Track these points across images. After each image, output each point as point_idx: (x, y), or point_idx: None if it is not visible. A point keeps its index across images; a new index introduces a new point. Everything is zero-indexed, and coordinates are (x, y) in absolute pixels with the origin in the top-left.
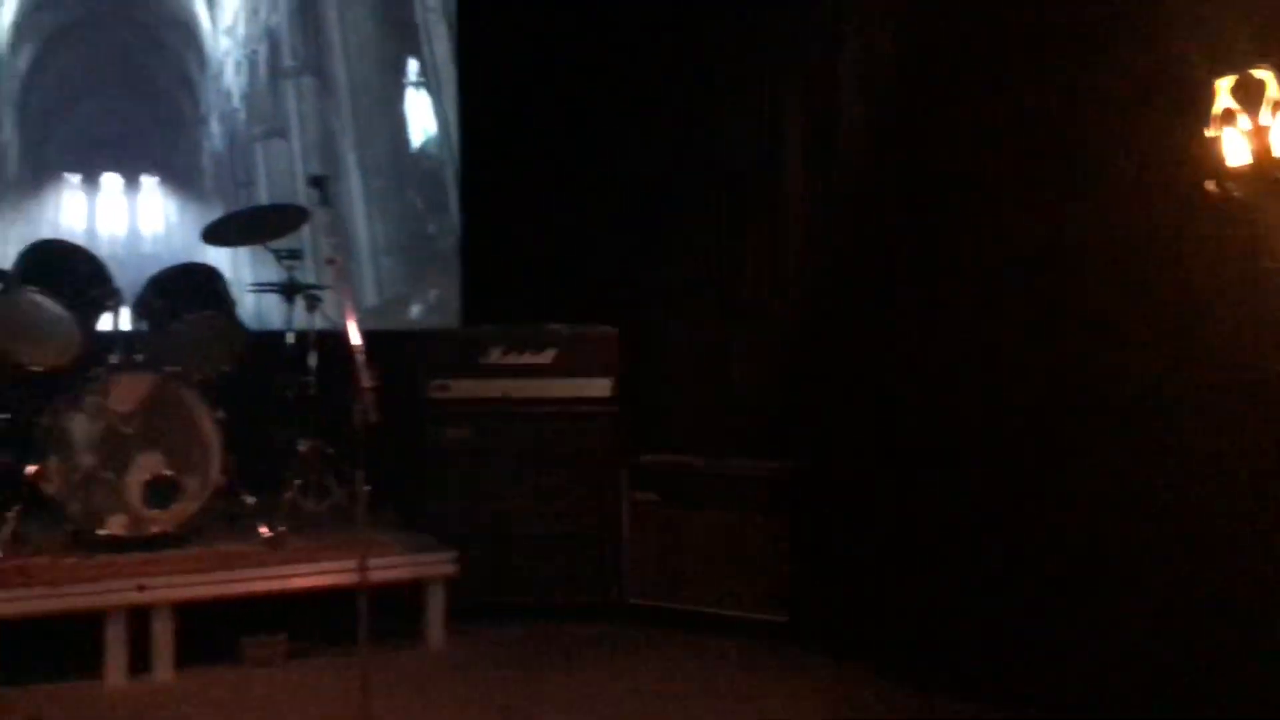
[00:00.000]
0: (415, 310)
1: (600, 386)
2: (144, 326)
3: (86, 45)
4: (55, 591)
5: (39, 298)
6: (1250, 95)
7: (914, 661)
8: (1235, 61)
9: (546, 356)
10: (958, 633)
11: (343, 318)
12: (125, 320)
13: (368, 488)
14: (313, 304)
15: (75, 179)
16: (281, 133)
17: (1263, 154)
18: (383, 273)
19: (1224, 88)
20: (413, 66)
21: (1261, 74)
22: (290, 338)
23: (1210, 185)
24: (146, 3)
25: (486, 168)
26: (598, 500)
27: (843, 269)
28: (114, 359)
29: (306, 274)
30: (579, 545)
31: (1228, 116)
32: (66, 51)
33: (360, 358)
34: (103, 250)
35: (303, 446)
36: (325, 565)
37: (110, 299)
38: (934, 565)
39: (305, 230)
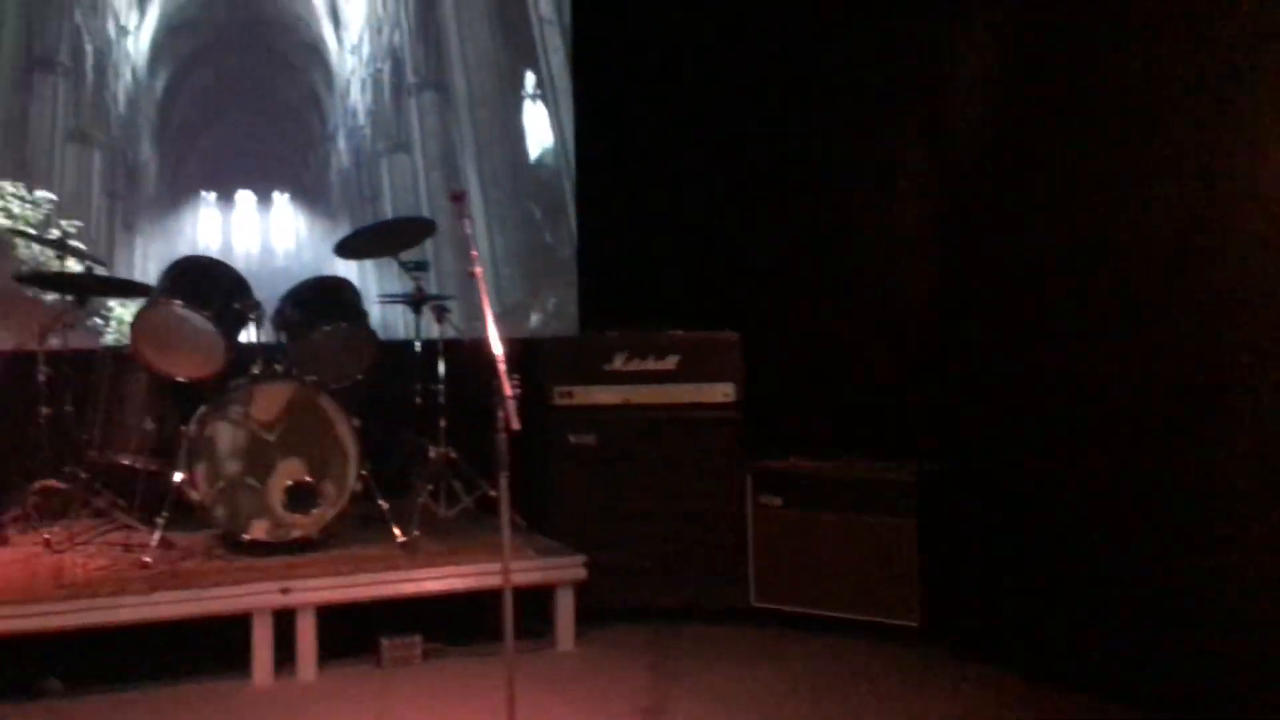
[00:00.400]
0: (534, 318)
1: (723, 391)
2: (282, 338)
3: (220, 67)
4: (205, 594)
5: (186, 311)
6: None
7: (1052, 664)
8: None
9: (670, 362)
10: (1096, 635)
11: (483, 327)
12: (264, 332)
13: (494, 493)
14: (441, 314)
15: (211, 196)
16: (405, 147)
17: None
18: (502, 282)
19: None
20: (529, 79)
21: None
22: (418, 347)
23: None
24: (276, 25)
25: (602, 176)
26: (722, 505)
27: (972, 268)
28: (255, 369)
29: (430, 285)
30: (704, 549)
31: None
32: (201, 74)
33: (502, 366)
34: (238, 264)
35: (432, 453)
36: (459, 569)
37: (252, 312)
38: (1072, 566)
39: (429, 242)
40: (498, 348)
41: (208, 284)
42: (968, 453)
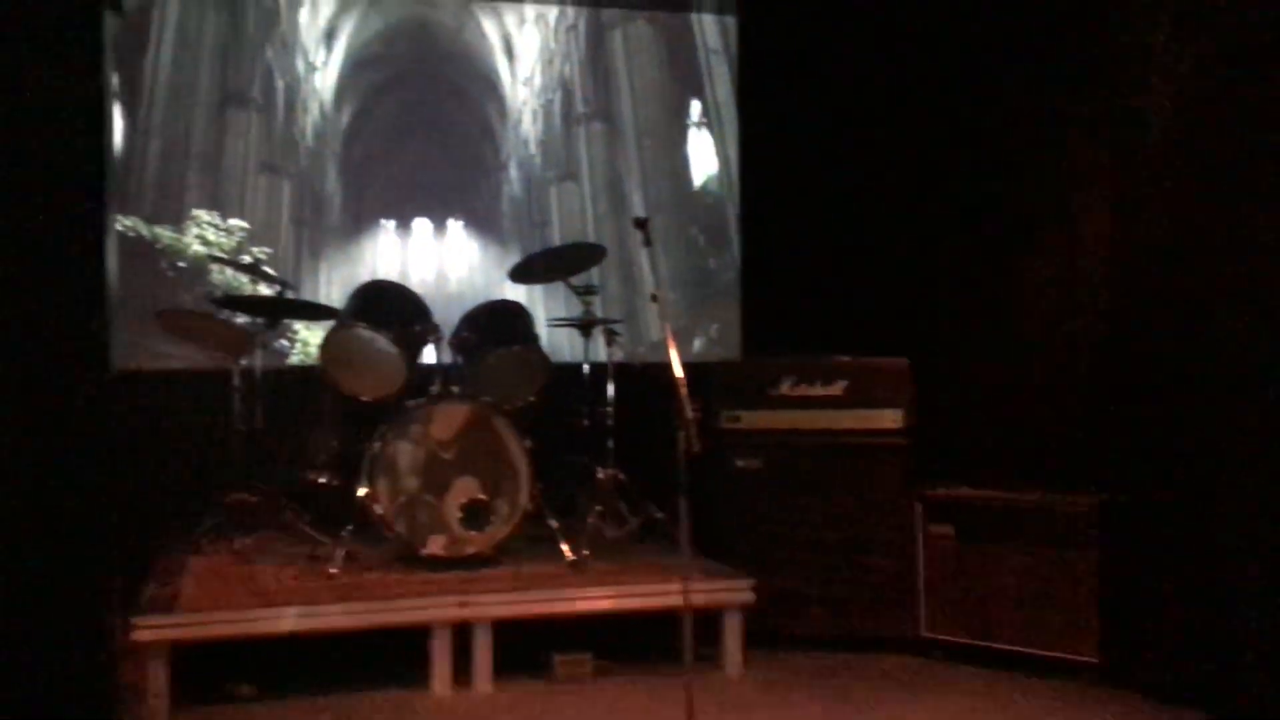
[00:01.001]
0: (697, 343)
1: (892, 418)
2: (459, 359)
3: (400, 101)
4: (389, 606)
5: (369, 334)
6: None
7: (1244, 708)
8: None
9: (837, 388)
10: None
11: (665, 351)
12: (442, 354)
13: (660, 515)
14: (611, 337)
15: (390, 224)
16: (573, 176)
17: None
18: (665, 308)
19: None
20: (695, 108)
21: None
22: (586, 369)
23: None
24: (453, 59)
25: (766, 203)
26: (891, 533)
27: (1151, 290)
28: (434, 390)
29: (597, 309)
30: (873, 578)
31: None
32: (383, 107)
33: (684, 389)
34: (414, 289)
35: (601, 474)
36: (631, 588)
37: (431, 334)
38: (1262, 602)
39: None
40: (679, 371)
41: (390, 307)
42: (1151, 483)
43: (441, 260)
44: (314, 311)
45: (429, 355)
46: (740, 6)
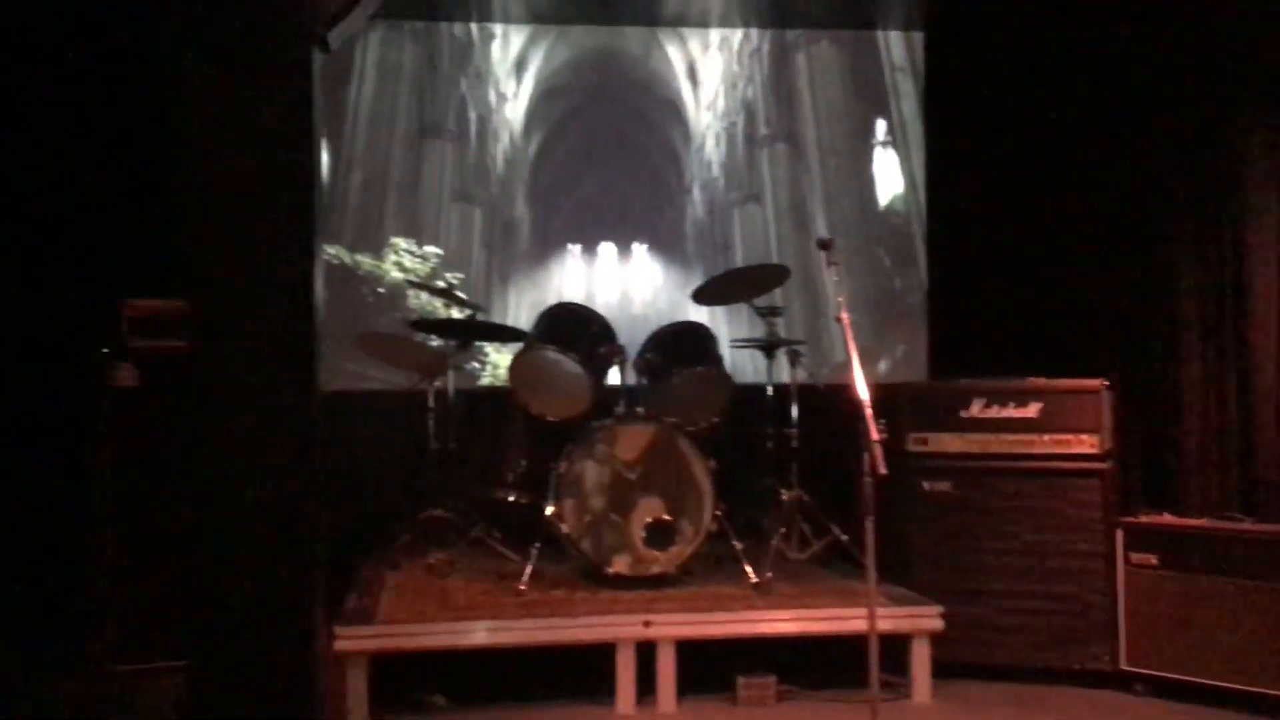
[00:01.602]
0: (883, 365)
1: (1089, 442)
2: (644, 381)
3: (586, 128)
4: (574, 623)
5: (556, 355)
6: None
7: None
8: None
9: (1031, 410)
10: None
11: (849, 372)
12: (627, 375)
13: (844, 537)
14: (795, 358)
15: (576, 249)
16: (756, 198)
17: None
18: (850, 328)
19: None
20: (880, 126)
21: None
22: (770, 391)
23: None
24: (638, 86)
25: (954, 222)
26: (1089, 561)
27: None
28: (619, 410)
29: (781, 330)
30: (1068, 607)
31: None
32: (570, 135)
33: (869, 411)
34: (599, 312)
35: (785, 496)
36: (815, 612)
37: (616, 356)
38: None
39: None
40: (864, 392)
41: (576, 329)
42: None
43: (626, 283)
44: (503, 334)
45: (615, 377)
46: (927, 22)
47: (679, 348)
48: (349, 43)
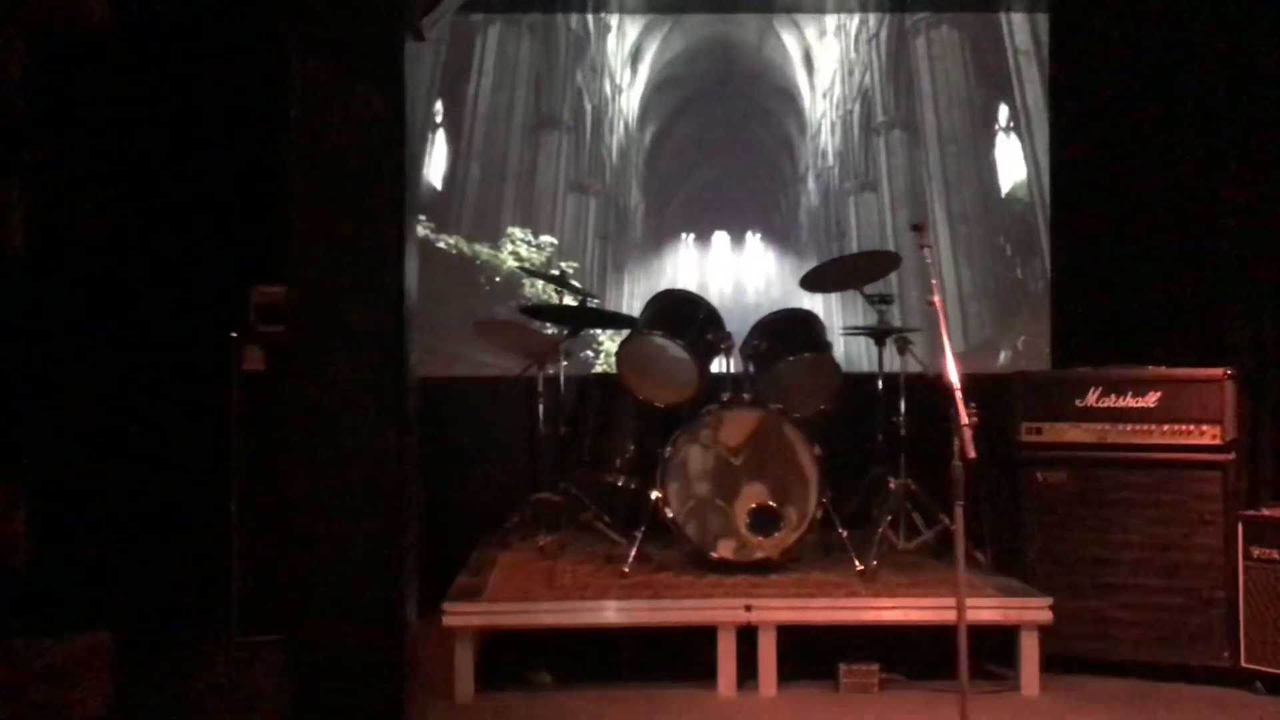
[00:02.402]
0: (1003, 355)
1: (1210, 433)
2: (751, 367)
3: (701, 118)
4: (675, 605)
5: (664, 341)
6: None
7: None
8: None
9: (1149, 400)
10: None
11: (940, 357)
12: (734, 362)
13: (954, 526)
14: (903, 347)
15: (689, 238)
16: (872, 186)
17: None
18: (970, 318)
19: None
20: (1003, 112)
21: None
22: (880, 380)
23: None
24: (753, 75)
25: (1079, 209)
26: (1208, 556)
27: None
28: (724, 397)
29: (894, 318)
30: (1186, 602)
31: None
32: (684, 125)
33: (958, 394)
34: (712, 301)
35: (893, 484)
36: (916, 600)
37: (723, 343)
38: None
39: (893, 276)
40: (954, 376)
41: (684, 316)
42: None
43: (739, 272)
44: (613, 320)
45: (721, 364)
46: (1052, 3)
47: (786, 335)
48: (469, 38)
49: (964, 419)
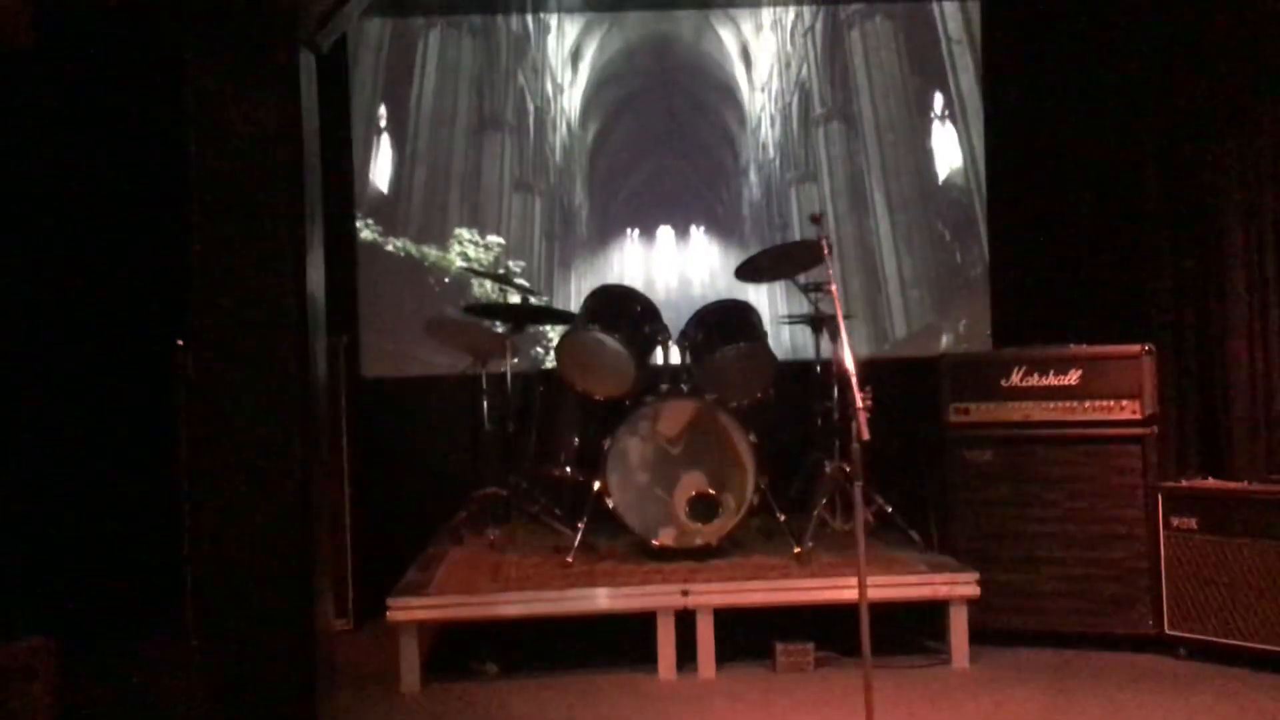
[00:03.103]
0: (945, 339)
1: (1129, 408)
2: (688, 358)
3: (642, 114)
4: (615, 593)
5: (601, 335)
6: None
7: None
8: None
9: (1071, 378)
10: None
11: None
12: (664, 353)
13: (889, 508)
14: (834, 334)
15: (635, 234)
16: (813, 177)
17: None
18: (911, 304)
19: None
20: (938, 100)
21: None
22: (819, 367)
23: None
24: (692, 71)
25: (1014, 193)
26: (1130, 527)
27: None
28: (663, 388)
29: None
30: (1111, 573)
31: None
32: (626, 122)
33: (854, 380)
34: (658, 295)
35: (828, 468)
36: (847, 580)
37: (660, 335)
38: None
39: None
40: (849, 363)
41: (621, 311)
42: None
43: (684, 266)
44: (554, 316)
45: (666, 356)
46: None
47: (722, 325)
48: (411, 42)
49: (859, 404)
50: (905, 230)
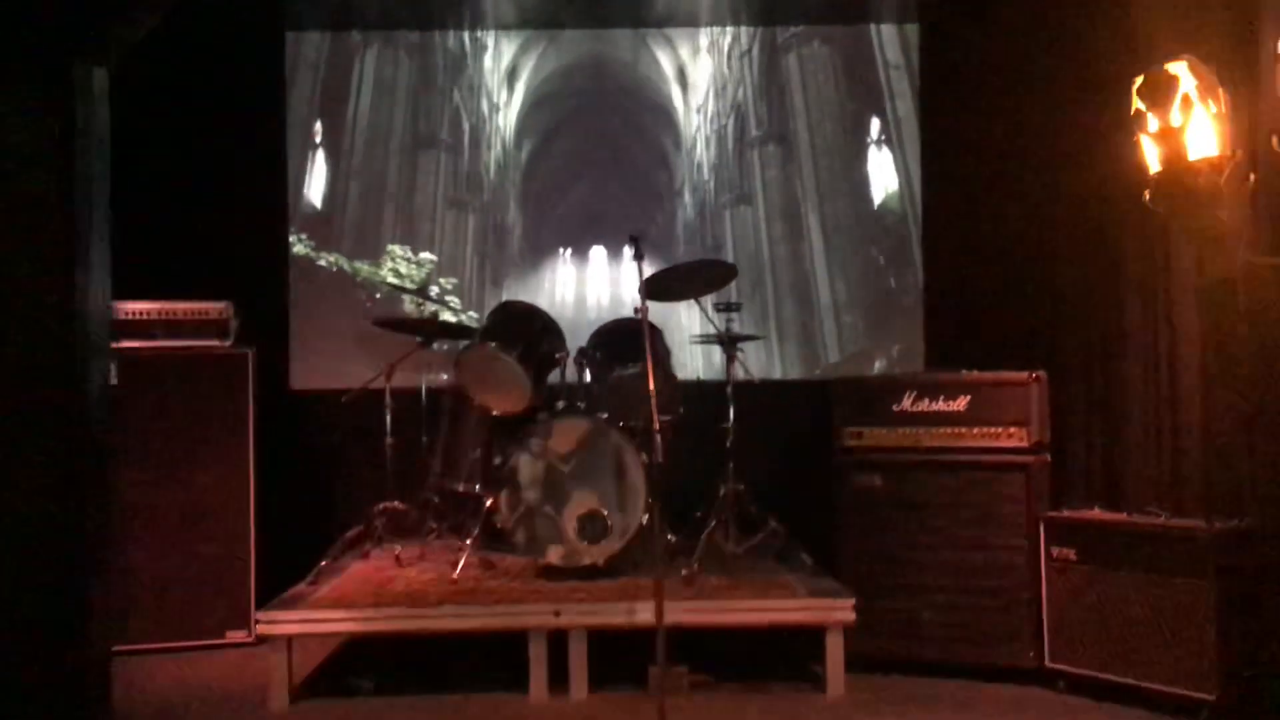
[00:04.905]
0: (878, 365)
1: (1017, 435)
2: (587, 377)
3: (577, 135)
4: (486, 611)
5: (495, 352)
6: (1159, 94)
7: None
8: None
9: (959, 404)
10: None
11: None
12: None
13: (780, 529)
14: (732, 356)
15: (567, 253)
16: (748, 199)
17: (1173, 158)
18: (844, 329)
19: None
20: (874, 125)
21: (1175, 68)
22: (729, 388)
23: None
24: (628, 92)
25: (949, 219)
26: (1013, 556)
27: None
28: (559, 405)
29: (742, 326)
30: (993, 602)
31: (1138, 118)
32: (561, 141)
33: (653, 401)
34: (589, 315)
35: (722, 490)
36: (721, 604)
37: (559, 353)
38: None
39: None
40: (652, 384)
41: (519, 327)
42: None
43: (617, 286)
44: (460, 332)
45: (575, 375)
46: (922, 14)
47: (621, 344)
48: (348, 59)
49: (655, 425)
50: (840, 254)
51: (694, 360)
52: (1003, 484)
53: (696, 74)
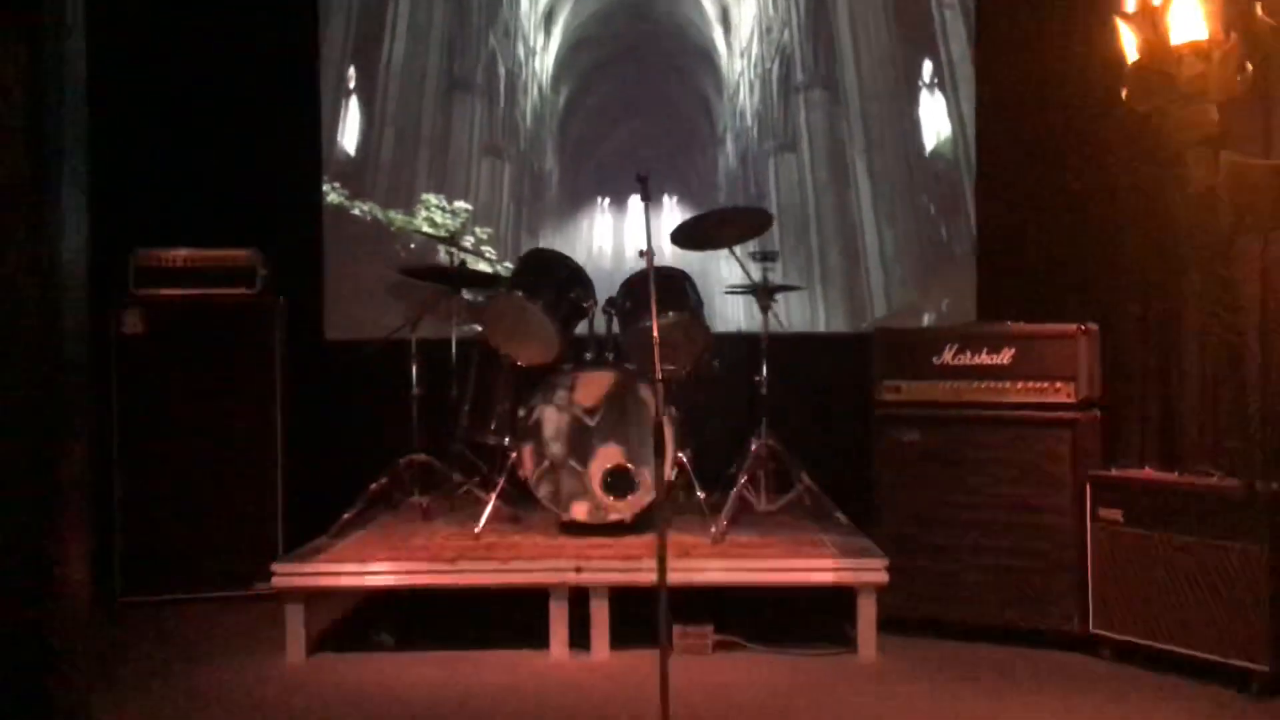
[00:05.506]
0: (927, 318)
1: (1064, 390)
2: (616, 327)
3: (617, 79)
4: (505, 568)
5: (522, 301)
6: None
7: None
8: None
9: (1004, 357)
10: None
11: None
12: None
13: (814, 487)
14: (766, 307)
15: (605, 202)
16: (792, 146)
17: (1154, 44)
18: (892, 281)
19: None
20: (927, 68)
21: None
22: (764, 340)
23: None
24: (669, 35)
25: (1004, 166)
26: (1058, 518)
27: None
28: (586, 356)
29: (778, 276)
30: (1035, 564)
31: None
32: (599, 87)
33: (656, 350)
34: (626, 265)
35: (753, 445)
36: (747, 563)
37: (587, 302)
38: None
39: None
40: (656, 332)
41: (546, 276)
42: None
43: (657, 236)
44: (488, 280)
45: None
46: None
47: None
48: (381, 4)
49: (658, 374)
50: (888, 204)
51: (734, 312)
52: (1048, 441)
53: (740, 15)
